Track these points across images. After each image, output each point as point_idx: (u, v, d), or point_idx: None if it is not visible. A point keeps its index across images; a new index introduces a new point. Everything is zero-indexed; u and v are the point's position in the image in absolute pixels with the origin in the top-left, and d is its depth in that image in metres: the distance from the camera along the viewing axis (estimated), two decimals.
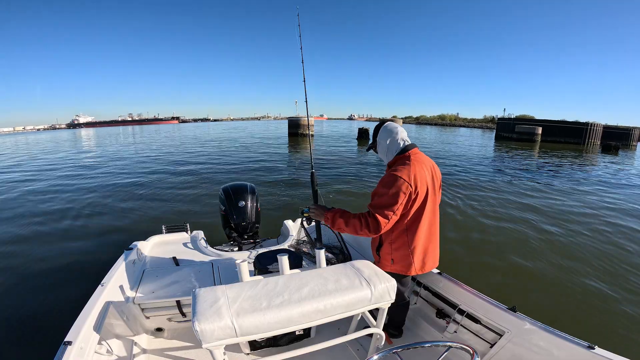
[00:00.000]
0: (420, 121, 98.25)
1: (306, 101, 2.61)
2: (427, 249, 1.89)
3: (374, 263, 1.82)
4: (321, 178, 2.39)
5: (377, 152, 1.99)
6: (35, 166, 14.42)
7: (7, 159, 17.72)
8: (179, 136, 34.52)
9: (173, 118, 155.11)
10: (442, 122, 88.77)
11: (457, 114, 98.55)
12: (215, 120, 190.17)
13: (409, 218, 1.79)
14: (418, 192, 1.73)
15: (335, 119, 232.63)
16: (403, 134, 1.87)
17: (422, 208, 1.79)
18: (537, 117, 37.43)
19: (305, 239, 2.93)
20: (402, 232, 1.82)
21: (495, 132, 37.72)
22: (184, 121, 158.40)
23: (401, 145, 1.85)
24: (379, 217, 1.70)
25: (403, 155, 1.82)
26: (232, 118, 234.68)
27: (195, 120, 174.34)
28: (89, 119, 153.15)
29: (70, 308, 1.90)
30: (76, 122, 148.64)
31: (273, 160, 14.12)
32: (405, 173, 1.70)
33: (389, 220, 1.71)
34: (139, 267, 2.48)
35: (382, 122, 1.97)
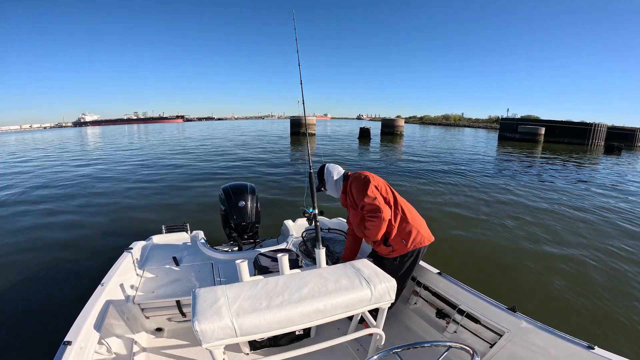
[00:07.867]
0: (424, 121, 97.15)
1: (303, 101, 2.74)
2: (421, 222, 2.23)
3: (388, 254, 2.17)
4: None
5: (326, 190, 2.45)
6: (38, 165, 14.48)
7: (7, 161, 17.79)
8: (182, 136, 34.53)
9: (178, 117, 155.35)
10: (447, 122, 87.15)
11: (462, 113, 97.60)
12: (219, 119, 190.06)
13: (394, 208, 2.17)
14: (380, 188, 2.18)
15: (342, 118, 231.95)
16: (339, 168, 2.47)
17: (395, 198, 2.21)
18: (543, 117, 36.85)
19: (305, 238, 2.92)
20: (402, 219, 2.17)
21: (498, 132, 37.47)
22: (188, 120, 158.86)
23: (342, 172, 2.42)
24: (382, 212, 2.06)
25: (348, 175, 2.35)
26: (236, 117, 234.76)
27: (199, 119, 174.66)
28: (95, 117, 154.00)
29: (70, 308, 1.90)
30: (82, 120, 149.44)
31: (275, 159, 14.09)
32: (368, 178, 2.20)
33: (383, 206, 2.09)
34: (139, 267, 2.48)
35: (323, 165, 2.52)
